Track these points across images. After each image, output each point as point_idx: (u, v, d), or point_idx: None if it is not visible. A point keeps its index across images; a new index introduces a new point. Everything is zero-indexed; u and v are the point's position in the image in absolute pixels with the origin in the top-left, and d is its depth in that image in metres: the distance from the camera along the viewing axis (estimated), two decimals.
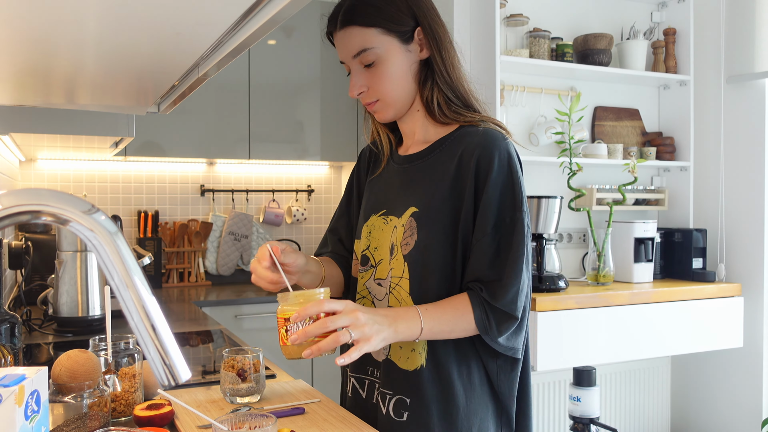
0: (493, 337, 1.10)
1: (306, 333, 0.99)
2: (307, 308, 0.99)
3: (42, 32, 0.73)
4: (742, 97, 2.99)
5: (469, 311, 1.10)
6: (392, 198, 1.24)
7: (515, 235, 1.11)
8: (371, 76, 1.16)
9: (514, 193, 1.12)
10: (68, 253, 2.08)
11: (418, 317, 1.07)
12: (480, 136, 1.14)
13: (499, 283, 1.09)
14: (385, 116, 1.22)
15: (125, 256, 0.64)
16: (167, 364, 0.66)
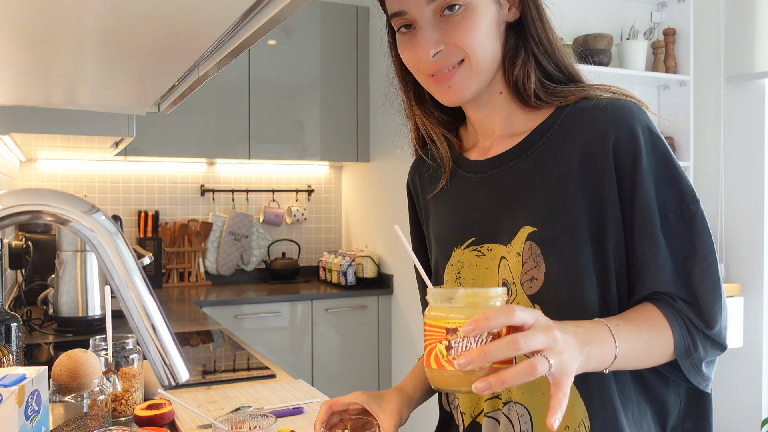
0: (696, 362, 0.81)
1: (485, 355, 0.63)
2: (490, 317, 0.64)
3: (42, 32, 0.73)
4: (742, 97, 2.99)
5: (665, 327, 0.79)
6: (482, 220, 0.91)
7: (696, 234, 0.81)
8: (454, 29, 0.82)
9: (677, 178, 0.81)
10: (68, 253, 2.09)
11: (611, 337, 0.74)
12: (608, 111, 0.83)
13: (696, 303, 0.80)
14: (464, 91, 0.86)
15: (125, 256, 0.64)
16: (167, 364, 0.66)
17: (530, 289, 0.83)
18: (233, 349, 1.95)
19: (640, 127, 0.81)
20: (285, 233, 3.81)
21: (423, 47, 0.83)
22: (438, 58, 0.84)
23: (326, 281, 3.63)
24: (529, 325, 0.66)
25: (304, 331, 3.24)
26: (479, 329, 0.64)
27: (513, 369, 0.63)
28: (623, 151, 0.81)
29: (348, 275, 3.43)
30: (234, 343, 2.02)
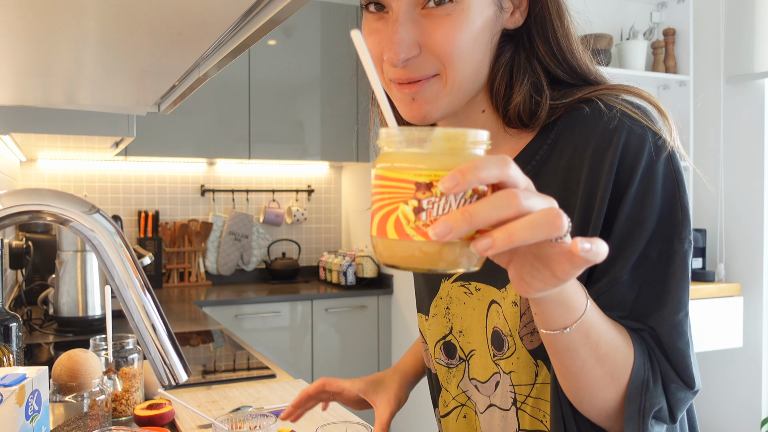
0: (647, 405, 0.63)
1: (473, 219, 0.43)
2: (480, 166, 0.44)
3: (42, 32, 0.73)
4: (742, 97, 3.00)
5: (629, 343, 0.64)
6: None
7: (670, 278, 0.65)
8: (433, 30, 0.65)
9: (673, 209, 0.66)
10: (69, 253, 2.09)
11: (584, 295, 0.58)
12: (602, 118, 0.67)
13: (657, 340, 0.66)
14: (432, 110, 0.68)
15: (125, 256, 0.64)
16: (167, 364, 0.66)
17: (531, 344, 0.71)
18: (233, 349, 1.95)
19: (647, 144, 0.66)
20: (285, 233, 3.81)
21: (392, 47, 0.65)
22: (408, 65, 0.66)
23: (326, 281, 3.63)
24: (524, 187, 0.47)
25: (304, 331, 3.24)
26: (466, 183, 0.43)
27: (528, 217, 0.44)
28: (623, 170, 0.66)
29: (348, 275, 3.43)
30: (234, 343, 2.02)
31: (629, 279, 0.65)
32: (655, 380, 0.64)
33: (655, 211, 0.65)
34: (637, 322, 0.65)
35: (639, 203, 0.65)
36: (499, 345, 0.74)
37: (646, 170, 0.65)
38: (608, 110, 0.67)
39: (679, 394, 0.65)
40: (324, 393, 0.89)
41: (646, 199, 0.65)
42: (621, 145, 0.65)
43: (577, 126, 0.70)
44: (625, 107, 0.68)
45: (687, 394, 0.65)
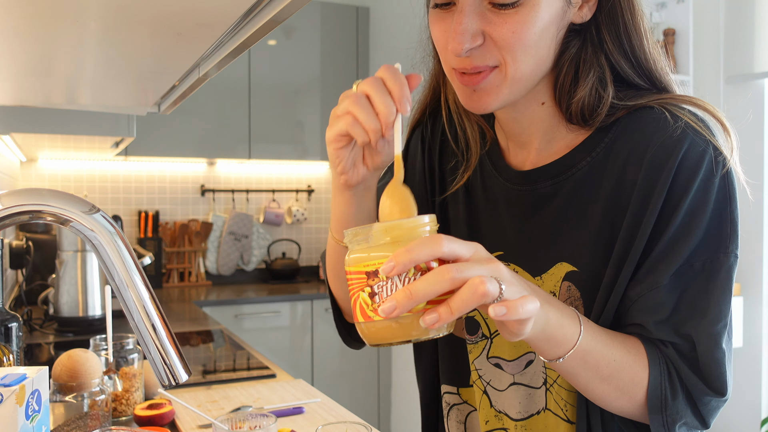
0: (669, 420, 0.66)
1: (411, 295, 0.51)
2: (412, 249, 0.51)
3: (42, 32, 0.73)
4: (742, 97, 3.00)
5: (643, 363, 0.66)
6: (510, 236, 0.78)
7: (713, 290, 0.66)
8: (500, 23, 0.65)
9: (723, 223, 0.67)
10: (69, 253, 2.09)
11: (577, 320, 0.63)
12: (667, 127, 0.68)
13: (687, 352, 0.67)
14: (490, 101, 0.69)
15: (126, 256, 0.65)
16: (168, 364, 0.66)
17: None
18: (233, 349, 1.95)
19: (707, 157, 0.66)
20: (285, 233, 3.81)
21: (457, 37, 0.65)
22: (471, 54, 0.67)
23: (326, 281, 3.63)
24: (465, 257, 0.54)
25: (304, 331, 3.24)
26: (400, 265, 0.51)
27: (459, 292, 0.51)
28: (680, 181, 0.66)
29: None
30: (234, 343, 2.02)
31: (670, 285, 0.66)
32: (674, 395, 0.66)
33: (704, 223, 0.66)
34: (671, 331, 0.67)
35: (690, 214, 0.66)
36: None
37: (703, 184, 0.66)
38: (673, 120, 0.68)
39: (711, 403, 0.67)
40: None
41: (698, 211, 0.66)
42: (681, 155, 0.66)
43: (639, 129, 0.70)
44: (690, 119, 0.68)
45: (718, 402, 0.67)
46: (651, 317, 0.67)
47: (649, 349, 0.67)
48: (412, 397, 3.11)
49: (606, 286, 0.70)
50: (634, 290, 0.68)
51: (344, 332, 0.89)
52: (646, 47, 0.71)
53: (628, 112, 0.71)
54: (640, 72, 0.72)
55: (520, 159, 0.79)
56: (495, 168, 0.81)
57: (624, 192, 0.70)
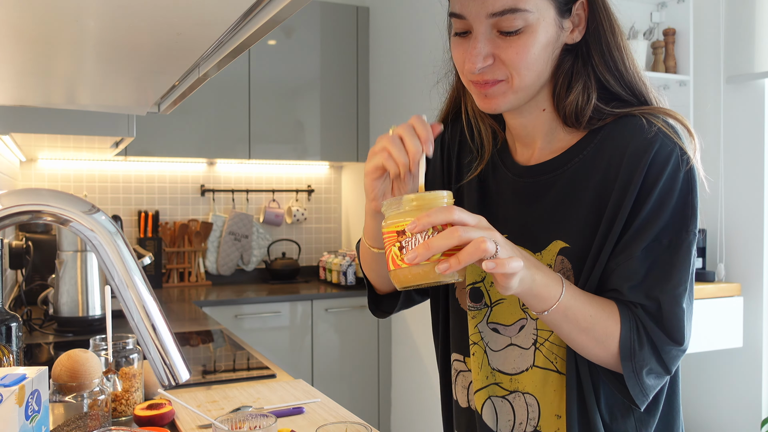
0: (637, 366, 0.82)
1: (429, 247, 0.71)
2: (431, 214, 0.71)
3: (42, 32, 0.73)
4: (742, 98, 3.00)
5: (615, 321, 0.82)
6: (515, 220, 0.94)
7: (678, 262, 0.82)
8: (506, 47, 0.82)
9: (686, 209, 0.83)
10: (69, 253, 2.09)
11: (560, 282, 0.79)
12: (643, 130, 0.84)
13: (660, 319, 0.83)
14: (499, 103, 0.87)
15: (125, 256, 0.65)
16: (167, 364, 0.66)
17: None
18: (233, 349, 1.95)
19: (674, 155, 0.83)
20: (285, 233, 3.81)
21: (472, 58, 0.83)
22: (483, 70, 0.85)
23: (326, 281, 3.63)
24: (470, 224, 0.73)
25: (304, 331, 3.24)
26: (421, 225, 0.72)
27: (465, 248, 0.70)
28: (651, 174, 0.83)
29: (348, 275, 3.43)
30: (234, 343, 2.02)
31: (642, 256, 0.83)
32: (641, 346, 0.82)
33: (670, 208, 0.82)
34: (642, 294, 0.83)
35: (659, 200, 0.83)
36: None
37: (670, 175, 0.83)
38: (648, 126, 0.84)
39: (672, 351, 0.83)
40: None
41: (666, 197, 0.83)
42: (653, 153, 0.83)
43: (622, 133, 0.86)
44: (662, 125, 0.84)
45: (678, 351, 0.83)
46: (626, 283, 0.83)
47: (621, 309, 0.83)
48: (413, 396, 3.12)
49: (591, 257, 0.86)
50: (614, 260, 0.84)
51: (373, 306, 1.07)
52: (627, 62, 0.87)
53: (614, 119, 0.88)
54: (622, 83, 0.88)
55: (525, 156, 0.96)
56: (504, 164, 0.98)
57: (608, 182, 0.86)
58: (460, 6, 0.83)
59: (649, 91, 0.89)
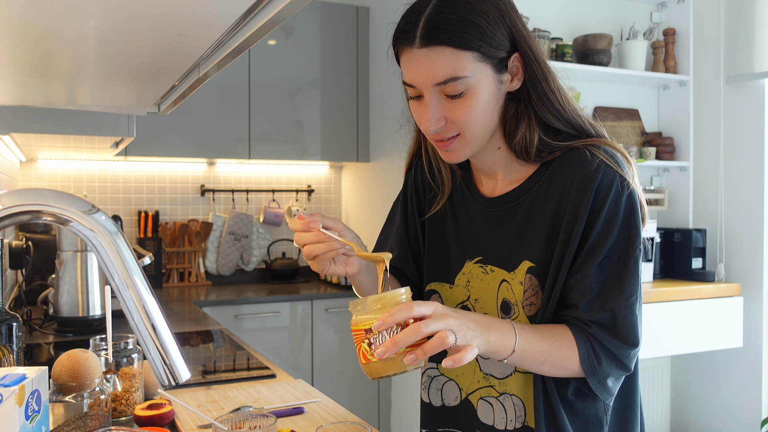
0: (601, 379, 0.95)
1: (396, 343, 0.81)
2: (393, 313, 0.82)
3: (42, 32, 0.73)
4: (742, 97, 3.00)
5: (571, 346, 0.93)
6: (488, 245, 1.06)
7: (628, 275, 0.94)
8: (454, 109, 0.94)
9: (631, 227, 0.95)
10: (69, 253, 2.09)
11: (513, 332, 0.90)
12: (587, 162, 0.97)
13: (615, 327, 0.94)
14: (459, 156, 0.99)
15: (125, 256, 0.65)
16: (167, 364, 0.66)
17: (529, 312, 1.00)
18: (233, 349, 1.95)
19: (615, 183, 0.95)
20: (285, 233, 3.81)
21: (426, 121, 0.95)
22: (437, 130, 0.96)
23: (326, 281, 3.63)
24: (428, 315, 0.83)
25: (304, 331, 3.24)
26: (386, 324, 0.82)
27: (430, 342, 0.81)
28: (597, 201, 0.95)
29: None
30: (234, 343, 2.02)
31: (596, 273, 0.94)
32: (599, 362, 0.94)
33: (616, 228, 0.94)
34: (599, 306, 0.95)
35: (606, 223, 0.95)
36: (507, 311, 1.03)
37: (613, 201, 0.95)
38: (592, 158, 0.97)
39: (629, 354, 0.95)
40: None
41: (611, 220, 0.95)
42: (597, 182, 0.95)
43: (570, 165, 0.98)
44: (603, 156, 0.97)
45: (634, 351, 0.95)
46: (584, 297, 0.94)
47: (575, 333, 0.94)
48: (412, 397, 3.11)
49: (551, 275, 0.97)
50: (572, 278, 0.95)
51: None
52: (563, 102, 0.98)
53: (562, 153, 1.00)
54: (561, 120, 0.99)
55: (490, 187, 1.09)
56: (472, 196, 1.10)
57: (561, 208, 0.98)
58: (410, 77, 0.95)
59: (587, 124, 1.01)
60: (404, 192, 1.22)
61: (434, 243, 1.15)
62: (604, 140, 1.00)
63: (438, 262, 1.14)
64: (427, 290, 1.15)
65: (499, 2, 0.94)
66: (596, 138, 1.00)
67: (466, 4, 0.91)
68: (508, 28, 0.93)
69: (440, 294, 1.13)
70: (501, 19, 0.93)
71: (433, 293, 1.14)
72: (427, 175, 1.16)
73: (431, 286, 1.14)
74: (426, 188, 1.18)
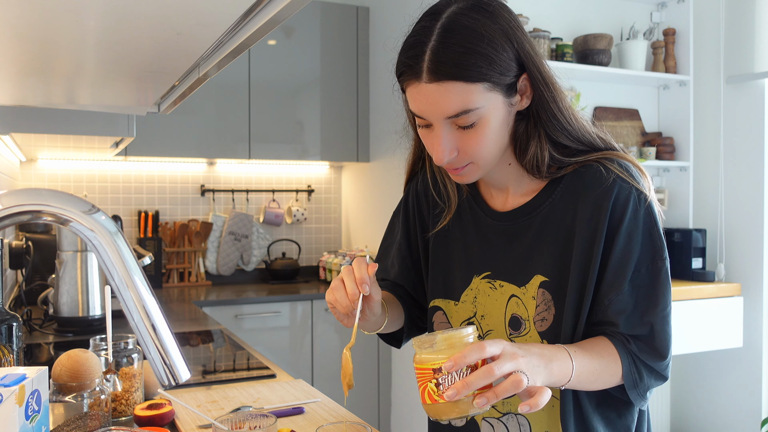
0: (642, 392, 0.96)
1: (468, 385, 0.78)
2: (466, 355, 0.79)
3: (42, 32, 0.73)
4: (742, 97, 3.00)
5: (616, 360, 0.94)
6: (498, 259, 1.05)
7: (660, 287, 0.95)
8: (466, 138, 0.92)
9: (654, 239, 0.95)
10: (69, 253, 2.09)
11: (569, 359, 0.88)
12: (602, 178, 0.96)
13: (652, 339, 0.95)
14: (471, 178, 0.98)
15: (125, 256, 0.65)
16: (167, 364, 0.66)
17: (541, 327, 0.99)
18: (233, 349, 1.95)
19: (632, 197, 0.95)
20: (285, 233, 3.81)
21: (438, 152, 0.92)
22: (450, 161, 0.94)
23: (326, 281, 3.63)
24: (498, 355, 0.81)
25: (304, 331, 3.24)
26: (458, 365, 0.79)
27: (503, 384, 0.79)
28: (614, 217, 0.95)
29: None
30: (234, 343, 2.02)
31: (629, 289, 0.94)
32: (641, 376, 0.95)
33: (639, 241, 0.94)
34: (638, 321, 0.95)
35: (628, 237, 0.94)
36: (516, 326, 1.02)
37: (632, 215, 0.94)
38: (606, 173, 0.96)
39: (665, 366, 0.97)
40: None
41: (633, 234, 0.94)
42: (613, 197, 0.95)
43: (584, 181, 0.98)
44: (617, 170, 0.96)
45: (668, 363, 0.97)
46: (620, 315, 0.95)
47: (618, 348, 0.94)
48: (412, 397, 3.12)
49: (575, 292, 0.96)
50: (607, 298, 0.95)
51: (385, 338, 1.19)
52: (572, 121, 0.97)
53: (575, 168, 0.99)
54: (571, 138, 0.97)
55: (500, 201, 1.07)
56: (482, 210, 1.08)
57: (577, 223, 0.97)
58: (418, 110, 0.91)
59: (597, 140, 1.00)
60: (405, 204, 1.19)
61: (439, 258, 1.12)
62: (616, 153, 0.99)
63: (443, 277, 1.11)
64: (431, 306, 1.13)
65: (504, 24, 0.90)
66: (608, 151, 0.99)
67: (471, 32, 0.87)
68: (516, 51, 0.90)
69: (445, 311, 1.11)
70: (508, 43, 0.89)
71: (437, 310, 1.12)
72: (431, 191, 1.13)
73: (435, 303, 1.12)
74: (430, 203, 1.14)
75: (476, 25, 0.87)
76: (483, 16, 0.88)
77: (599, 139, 1.00)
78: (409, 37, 0.91)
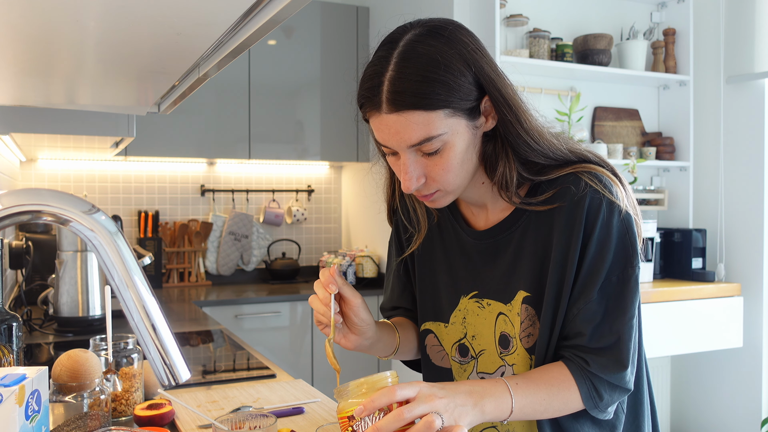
0: (603, 409, 0.95)
1: (378, 430, 0.77)
2: (374, 399, 0.79)
3: (42, 32, 0.73)
4: (742, 97, 3.00)
5: (570, 387, 0.93)
6: (483, 278, 1.05)
7: (628, 294, 0.94)
8: (432, 165, 0.92)
9: (627, 246, 0.94)
10: (69, 253, 2.09)
11: (508, 393, 0.88)
12: (575, 190, 0.96)
13: (610, 353, 0.93)
14: (442, 203, 0.99)
15: (125, 256, 0.65)
16: (167, 364, 0.66)
17: (527, 343, 0.99)
18: (233, 349, 1.95)
19: (603, 206, 0.94)
20: (285, 233, 3.81)
21: (406, 181, 0.92)
22: (418, 188, 0.94)
23: None
24: (413, 397, 0.80)
25: (304, 331, 3.24)
26: (368, 410, 0.79)
27: (416, 427, 0.77)
28: (588, 226, 0.94)
29: (348, 275, 3.42)
30: (234, 343, 2.02)
31: (598, 298, 0.93)
32: (600, 396, 0.93)
33: (611, 250, 0.94)
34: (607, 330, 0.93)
35: (599, 246, 0.94)
36: (505, 344, 1.01)
37: (603, 224, 0.94)
38: (578, 183, 0.96)
39: (626, 378, 0.94)
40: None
41: (605, 242, 0.94)
42: (586, 207, 0.94)
43: (558, 194, 0.97)
44: (588, 179, 0.96)
45: (628, 372, 0.94)
46: (588, 324, 0.93)
47: (573, 372, 0.93)
48: None
49: (550, 305, 0.95)
50: (575, 307, 0.94)
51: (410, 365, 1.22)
52: (537, 139, 0.95)
53: (548, 180, 0.98)
54: (539, 154, 0.96)
55: (482, 219, 1.07)
56: (463, 230, 1.08)
57: (552, 236, 0.96)
58: (383, 139, 0.91)
59: (567, 154, 0.98)
60: (396, 232, 1.20)
61: (425, 281, 1.13)
62: (588, 165, 0.98)
63: (431, 300, 1.12)
64: (422, 330, 1.13)
65: (462, 48, 0.89)
66: (581, 164, 0.98)
67: (428, 59, 0.86)
68: (474, 75, 0.89)
69: (436, 333, 1.11)
70: (466, 67, 0.88)
71: (429, 333, 1.12)
72: (401, 215, 1.15)
73: (426, 326, 1.12)
74: (402, 228, 1.17)
75: (432, 51, 0.86)
76: (439, 41, 0.87)
77: (570, 152, 0.99)
78: (368, 67, 0.90)
